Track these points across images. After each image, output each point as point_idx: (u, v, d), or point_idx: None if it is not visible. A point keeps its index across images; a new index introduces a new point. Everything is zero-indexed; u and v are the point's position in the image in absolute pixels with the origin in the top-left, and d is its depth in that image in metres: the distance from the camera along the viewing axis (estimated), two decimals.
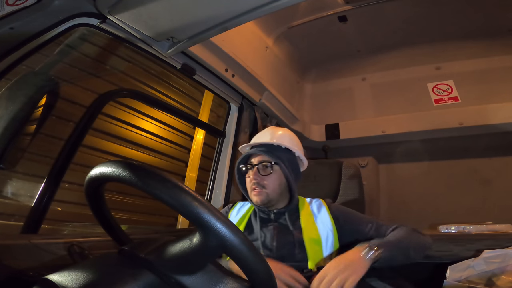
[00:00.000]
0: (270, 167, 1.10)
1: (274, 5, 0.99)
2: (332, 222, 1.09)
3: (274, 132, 1.18)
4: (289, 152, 1.15)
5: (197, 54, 1.41)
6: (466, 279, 1.06)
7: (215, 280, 0.51)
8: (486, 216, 1.70)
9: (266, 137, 1.17)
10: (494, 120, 1.93)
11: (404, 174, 2.34)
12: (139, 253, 0.49)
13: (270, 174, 1.10)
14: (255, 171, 1.10)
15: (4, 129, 0.66)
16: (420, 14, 1.96)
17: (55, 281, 0.42)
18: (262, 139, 1.17)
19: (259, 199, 1.09)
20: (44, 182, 1.05)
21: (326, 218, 1.10)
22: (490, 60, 2.06)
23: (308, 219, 1.10)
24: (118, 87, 2.05)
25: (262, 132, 1.23)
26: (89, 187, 0.55)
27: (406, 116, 2.18)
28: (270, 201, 1.10)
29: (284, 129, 1.23)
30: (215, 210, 0.44)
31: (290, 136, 1.20)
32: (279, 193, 1.12)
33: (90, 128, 1.20)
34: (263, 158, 1.11)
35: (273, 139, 1.14)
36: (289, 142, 1.16)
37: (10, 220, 1.59)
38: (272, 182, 1.09)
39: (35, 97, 0.70)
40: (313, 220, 1.10)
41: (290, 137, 1.19)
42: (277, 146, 1.14)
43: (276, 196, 1.11)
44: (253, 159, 1.13)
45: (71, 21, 1.03)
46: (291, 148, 1.15)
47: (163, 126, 2.52)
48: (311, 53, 2.34)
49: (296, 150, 1.16)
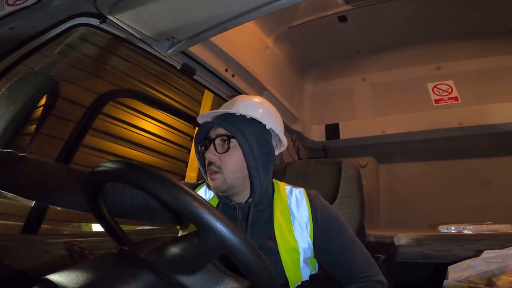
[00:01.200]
0: (227, 142, 0.84)
1: (274, 5, 0.99)
2: (310, 224, 0.85)
3: (240, 100, 0.90)
4: (257, 125, 0.87)
5: (197, 54, 1.41)
6: (466, 279, 1.06)
7: (215, 280, 0.51)
8: (486, 216, 1.70)
9: (229, 105, 0.90)
10: (494, 120, 1.93)
11: (404, 174, 2.34)
12: (139, 253, 0.49)
13: (227, 152, 0.84)
14: (210, 148, 0.85)
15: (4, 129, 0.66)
16: (420, 14, 1.96)
17: (55, 281, 0.42)
18: (225, 106, 0.91)
19: (214, 184, 0.84)
20: None
21: (304, 219, 0.86)
22: (490, 60, 2.06)
23: (283, 222, 0.85)
24: (118, 87, 2.05)
25: (230, 100, 0.94)
26: (89, 187, 0.55)
27: (406, 116, 2.18)
28: (230, 187, 0.84)
29: (257, 97, 0.96)
30: (215, 210, 0.44)
31: (262, 104, 0.92)
32: (241, 178, 0.86)
33: (90, 128, 1.20)
34: (219, 131, 0.86)
35: (235, 106, 0.87)
36: (258, 111, 0.88)
37: (10, 220, 1.59)
38: (230, 163, 0.83)
39: (35, 97, 0.70)
40: (290, 223, 0.85)
41: (261, 105, 0.91)
42: (240, 116, 0.87)
43: (236, 182, 0.85)
44: (212, 132, 0.88)
45: (71, 21, 1.03)
46: (260, 119, 0.86)
47: (163, 126, 2.53)
48: (311, 53, 2.34)
49: (268, 122, 0.87)
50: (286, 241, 0.82)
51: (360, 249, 0.86)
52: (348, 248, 0.84)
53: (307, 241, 0.84)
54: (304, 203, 0.89)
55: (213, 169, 0.84)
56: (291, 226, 0.85)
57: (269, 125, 0.88)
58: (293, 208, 0.88)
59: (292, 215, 0.87)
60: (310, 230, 0.85)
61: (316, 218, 0.86)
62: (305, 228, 0.85)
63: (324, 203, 0.91)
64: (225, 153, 0.84)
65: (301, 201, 0.89)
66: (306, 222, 0.86)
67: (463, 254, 1.16)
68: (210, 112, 0.92)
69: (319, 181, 1.68)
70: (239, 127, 0.83)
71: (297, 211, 0.87)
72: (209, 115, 0.92)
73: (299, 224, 0.85)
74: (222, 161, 0.84)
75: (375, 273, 0.83)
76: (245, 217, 0.86)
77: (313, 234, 0.85)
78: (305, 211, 0.87)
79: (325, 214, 0.88)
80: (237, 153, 0.84)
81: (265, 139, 0.88)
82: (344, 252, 0.84)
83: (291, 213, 0.87)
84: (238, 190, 0.87)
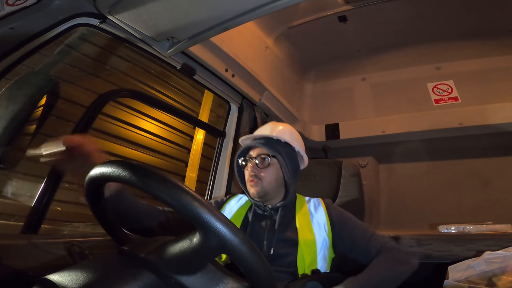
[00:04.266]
0: (268, 159, 1.08)
1: (274, 5, 0.99)
2: (328, 225, 1.06)
3: (274, 127, 1.17)
4: (288, 147, 1.14)
5: (197, 54, 1.41)
6: (466, 279, 1.06)
7: (215, 280, 0.51)
8: (486, 216, 1.70)
9: (266, 130, 1.17)
10: (494, 120, 1.93)
11: (404, 174, 2.34)
12: (139, 253, 0.49)
13: (267, 167, 1.08)
14: (253, 164, 1.09)
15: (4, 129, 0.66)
16: (420, 14, 1.96)
17: (55, 281, 0.42)
18: (262, 132, 1.17)
19: (255, 190, 1.07)
20: (44, 182, 1.05)
21: (323, 219, 1.08)
22: (490, 60, 2.06)
23: (303, 219, 1.08)
24: (118, 87, 2.05)
25: (263, 126, 1.22)
26: (89, 187, 0.55)
27: (406, 116, 2.18)
28: (266, 194, 1.09)
29: (285, 124, 1.22)
30: (215, 210, 0.44)
31: (291, 131, 1.18)
32: (276, 187, 1.10)
33: (90, 128, 1.20)
34: (262, 151, 1.10)
35: (273, 132, 1.14)
36: (289, 136, 1.14)
37: (10, 220, 1.59)
38: (269, 175, 1.08)
39: (35, 97, 0.70)
40: (309, 220, 1.08)
41: (290, 132, 1.18)
42: (276, 140, 1.12)
43: (272, 190, 1.09)
44: (252, 151, 1.13)
45: (71, 21, 1.03)
46: (291, 142, 1.13)
47: (163, 126, 2.52)
48: (311, 53, 2.34)
49: (296, 145, 1.15)
50: (305, 234, 1.03)
51: (371, 231, 1.08)
52: (364, 234, 1.05)
53: (323, 237, 1.04)
54: (321, 207, 1.12)
55: (254, 180, 1.07)
56: (310, 222, 1.07)
57: (297, 148, 1.15)
58: (312, 209, 1.12)
59: (311, 214, 1.10)
60: (329, 230, 1.06)
61: (332, 218, 1.07)
62: (322, 227, 1.06)
63: (336, 206, 1.16)
64: (265, 168, 1.08)
65: (317, 206, 1.13)
66: (324, 223, 1.07)
67: (463, 254, 1.16)
68: (250, 136, 1.18)
69: (319, 181, 1.68)
70: (277, 148, 1.08)
71: (315, 212, 1.10)
72: (250, 138, 1.19)
73: (317, 221, 1.07)
74: (262, 174, 1.08)
75: (387, 241, 1.05)
76: (274, 216, 1.10)
77: (332, 233, 1.05)
78: (322, 213, 1.09)
79: (338, 213, 1.10)
80: (274, 168, 1.09)
81: (294, 158, 1.14)
82: (362, 237, 1.04)
83: (310, 212, 1.10)
84: (272, 196, 1.11)
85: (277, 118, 2.10)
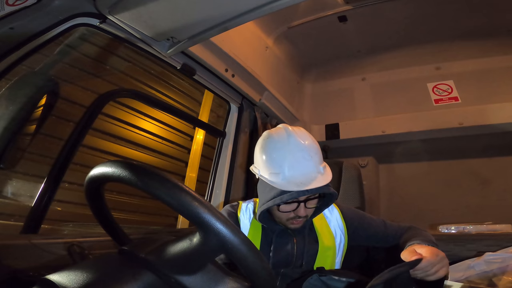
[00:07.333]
0: (318, 199, 1.03)
1: (274, 5, 0.99)
2: (344, 227, 1.10)
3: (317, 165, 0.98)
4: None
5: (197, 54, 1.41)
6: (466, 279, 1.06)
7: (215, 280, 0.51)
8: (486, 216, 1.70)
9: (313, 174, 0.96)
10: (494, 120, 1.93)
11: (404, 174, 2.34)
12: (139, 253, 0.49)
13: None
14: (304, 209, 0.98)
15: (4, 129, 0.66)
16: (420, 14, 1.96)
17: (55, 281, 0.42)
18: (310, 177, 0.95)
19: (298, 227, 1.03)
20: (44, 182, 1.05)
21: (339, 222, 1.10)
22: (490, 60, 2.06)
23: (322, 223, 1.10)
24: (118, 87, 2.05)
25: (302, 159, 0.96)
26: (89, 187, 0.55)
27: (406, 116, 2.18)
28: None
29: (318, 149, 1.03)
30: (215, 210, 0.44)
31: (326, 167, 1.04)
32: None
33: (90, 128, 1.20)
34: (316, 202, 1.02)
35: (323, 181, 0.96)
36: (327, 172, 1.01)
37: (10, 220, 1.59)
38: (312, 211, 1.03)
39: (35, 97, 0.70)
40: (327, 224, 1.10)
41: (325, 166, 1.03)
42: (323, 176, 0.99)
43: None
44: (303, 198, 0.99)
45: (71, 21, 1.03)
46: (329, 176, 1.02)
47: (163, 126, 2.52)
48: (311, 53, 2.34)
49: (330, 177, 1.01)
50: (326, 238, 1.07)
51: (384, 221, 1.13)
52: (379, 226, 1.11)
53: (340, 238, 1.09)
54: (335, 210, 1.14)
55: (302, 220, 1.02)
56: (329, 227, 1.10)
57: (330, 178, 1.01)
58: (327, 214, 1.13)
59: (327, 218, 1.12)
60: (345, 230, 1.10)
61: (347, 220, 1.11)
62: (338, 229, 1.10)
63: (349, 208, 1.19)
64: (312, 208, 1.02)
65: (332, 210, 1.14)
66: (340, 225, 1.10)
67: (463, 254, 1.16)
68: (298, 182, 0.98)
69: None
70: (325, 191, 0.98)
71: (331, 216, 1.12)
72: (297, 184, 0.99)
73: (334, 225, 1.10)
74: (308, 212, 1.01)
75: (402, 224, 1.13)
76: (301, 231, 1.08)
77: (348, 233, 1.10)
78: (338, 216, 1.12)
79: (352, 213, 1.14)
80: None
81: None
82: (379, 230, 1.10)
83: (325, 217, 1.12)
84: None
85: (277, 118, 2.10)
